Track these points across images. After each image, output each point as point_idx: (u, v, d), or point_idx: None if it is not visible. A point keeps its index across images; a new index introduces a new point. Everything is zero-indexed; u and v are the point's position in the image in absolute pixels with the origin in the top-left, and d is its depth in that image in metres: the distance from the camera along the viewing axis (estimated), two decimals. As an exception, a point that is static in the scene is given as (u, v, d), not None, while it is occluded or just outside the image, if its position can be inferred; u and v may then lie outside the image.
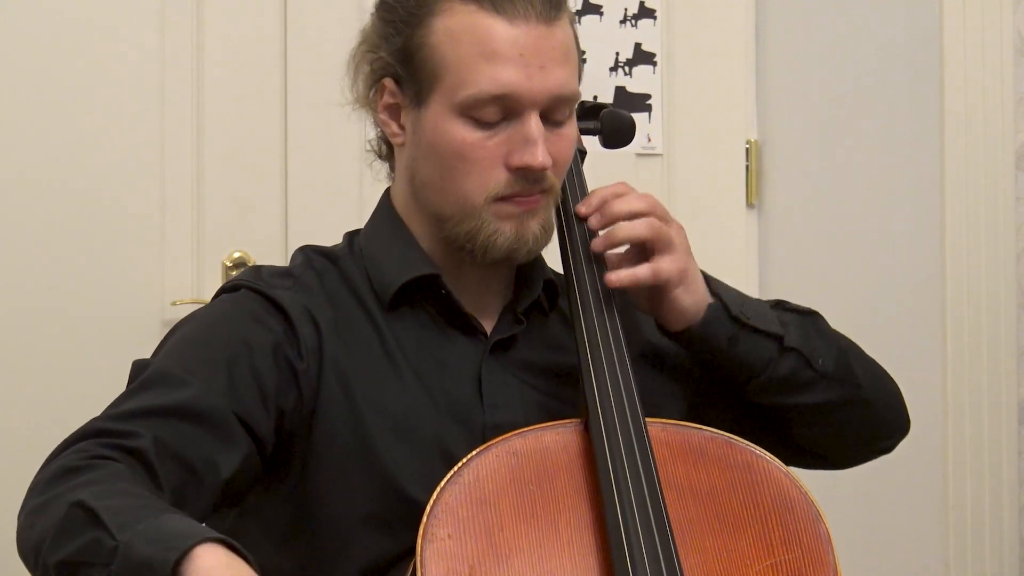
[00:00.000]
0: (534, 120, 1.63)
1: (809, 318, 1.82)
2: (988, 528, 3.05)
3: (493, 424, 1.65)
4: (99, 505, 1.36)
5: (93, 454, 1.46)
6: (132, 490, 1.41)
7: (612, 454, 1.55)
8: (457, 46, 1.62)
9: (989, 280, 3.05)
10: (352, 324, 1.69)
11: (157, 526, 1.33)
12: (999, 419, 3.06)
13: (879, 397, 1.84)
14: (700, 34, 3.23)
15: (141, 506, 1.37)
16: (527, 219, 1.66)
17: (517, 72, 1.61)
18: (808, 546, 1.58)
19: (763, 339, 1.74)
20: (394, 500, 1.62)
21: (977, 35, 3.03)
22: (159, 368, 1.59)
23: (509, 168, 1.64)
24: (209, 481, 1.53)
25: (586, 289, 1.70)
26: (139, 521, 1.33)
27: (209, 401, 1.56)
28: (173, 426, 1.52)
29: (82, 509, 1.36)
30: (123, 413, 1.53)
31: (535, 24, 1.62)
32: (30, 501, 1.44)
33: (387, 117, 1.71)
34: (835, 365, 1.78)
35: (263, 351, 1.62)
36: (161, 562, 1.28)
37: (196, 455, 1.52)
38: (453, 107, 1.63)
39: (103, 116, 2.96)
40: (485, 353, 1.71)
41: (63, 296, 2.93)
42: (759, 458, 1.63)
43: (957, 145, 3.04)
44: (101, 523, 1.34)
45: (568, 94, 1.65)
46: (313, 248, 1.78)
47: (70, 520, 1.36)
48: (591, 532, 1.52)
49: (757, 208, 3.26)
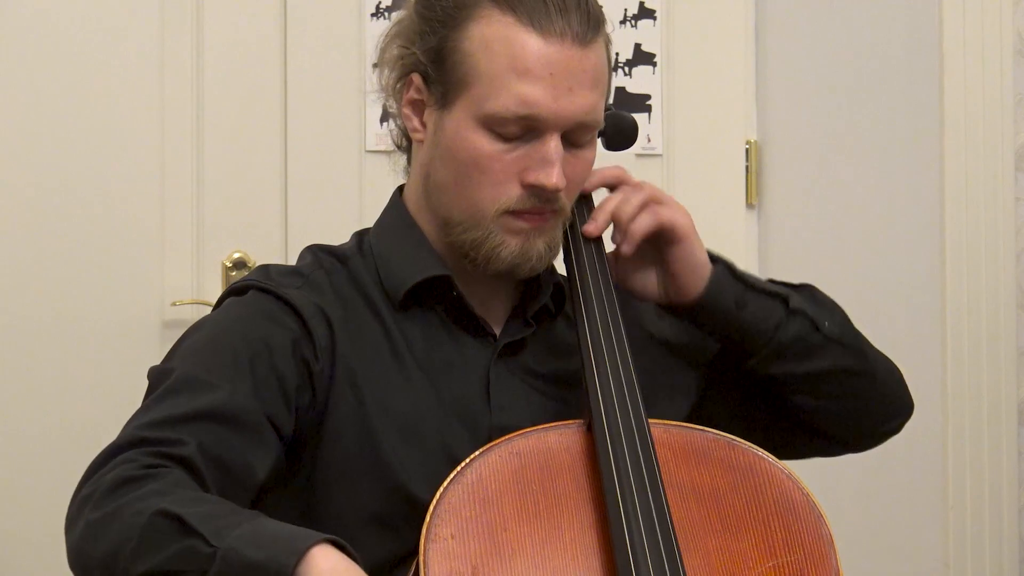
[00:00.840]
0: (554, 141, 1.63)
1: (805, 290, 1.83)
2: (988, 528, 3.05)
3: (499, 426, 1.65)
4: (185, 512, 1.36)
5: (145, 464, 1.46)
6: (207, 496, 1.43)
7: (615, 455, 1.55)
8: (490, 56, 1.61)
9: (989, 280, 3.05)
10: (361, 324, 1.69)
11: (257, 530, 1.34)
12: (999, 419, 3.06)
13: (884, 372, 1.84)
14: (700, 34, 3.23)
15: (228, 511, 1.39)
16: (534, 236, 1.66)
17: (545, 92, 1.60)
18: (810, 548, 1.57)
19: (769, 300, 1.75)
20: (399, 500, 1.62)
21: (977, 35, 3.03)
22: (183, 373, 1.58)
23: (523, 184, 1.64)
24: (247, 484, 1.54)
25: (589, 289, 1.70)
26: (234, 526, 1.35)
27: (240, 403, 1.56)
28: (211, 430, 1.52)
29: (167, 517, 1.37)
30: (159, 420, 1.52)
31: (570, 45, 1.61)
32: (87, 514, 1.43)
33: (411, 112, 1.70)
34: (841, 330, 1.79)
35: (282, 350, 1.62)
36: (279, 565, 1.30)
37: (234, 459, 1.53)
38: (477, 117, 1.62)
39: (103, 116, 2.96)
40: (494, 356, 1.71)
41: (63, 296, 2.93)
42: (761, 459, 1.63)
43: (957, 145, 3.04)
44: (192, 530, 1.35)
45: (592, 121, 1.65)
46: (321, 247, 1.78)
47: (154, 529, 1.37)
48: (594, 533, 1.52)
49: (757, 208, 3.26)
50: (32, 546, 2.87)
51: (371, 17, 3.07)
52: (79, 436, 2.91)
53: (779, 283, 1.82)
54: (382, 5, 3.08)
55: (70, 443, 2.91)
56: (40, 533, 2.87)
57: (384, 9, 3.08)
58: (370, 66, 3.04)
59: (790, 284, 1.82)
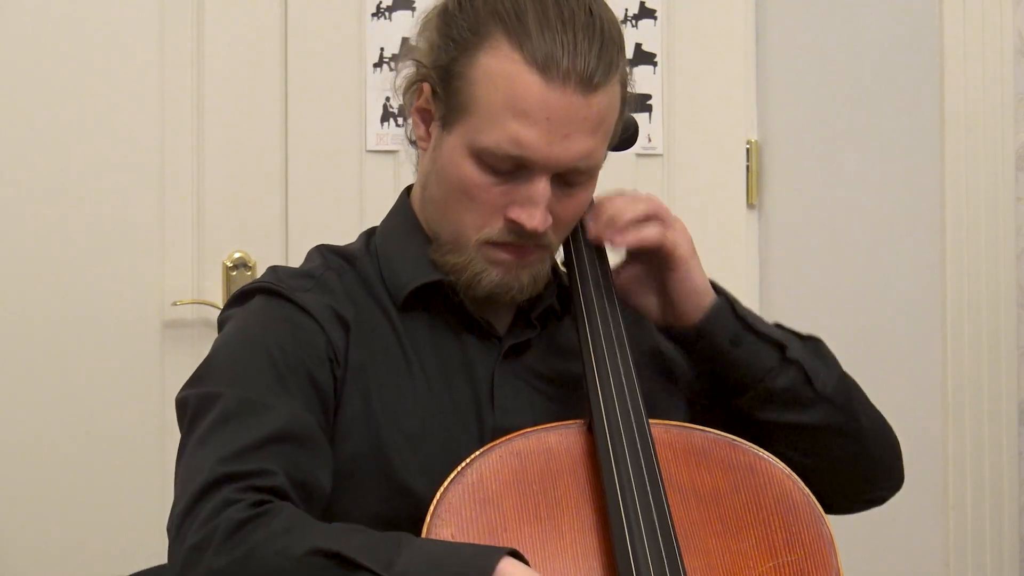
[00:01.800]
0: (543, 183, 1.62)
1: (811, 341, 1.80)
2: (988, 528, 3.05)
3: (502, 428, 1.65)
4: (341, 547, 1.37)
5: (250, 502, 1.45)
6: (342, 526, 1.44)
7: (616, 455, 1.55)
8: (491, 90, 1.60)
9: (989, 280, 3.05)
10: (372, 324, 1.69)
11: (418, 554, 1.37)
12: (999, 419, 3.06)
13: (875, 438, 1.80)
14: (700, 34, 3.23)
15: (377, 538, 1.40)
16: (516, 269, 1.66)
17: (539, 136, 1.59)
18: (810, 548, 1.57)
19: (765, 346, 1.73)
20: (403, 501, 1.62)
21: (977, 35, 3.03)
22: (236, 396, 1.57)
23: (506, 219, 1.63)
24: (321, 499, 1.56)
25: (590, 289, 1.70)
26: (394, 553, 1.36)
27: (298, 422, 1.56)
28: (285, 453, 1.52)
29: (323, 555, 1.37)
30: (236, 452, 1.51)
31: (571, 92, 1.59)
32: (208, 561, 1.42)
33: (419, 120, 1.71)
34: (835, 390, 1.76)
35: (315, 358, 1.62)
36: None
37: (308, 477, 1.54)
38: (470, 147, 1.62)
39: (103, 116, 2.96)
40: (499, 357, 1.71)
41: (63, 296, 2.93)
42: (762, 460, 1.63)
43: (957, 145, 3.04)
44: (357, 564, 1.36)
45: (585, 166, 1.64)
46: (329, 248, 1.78)
47: (314, 568, 1.37)
48: (594, 533, 1.52)
49: (757, 208, 3.26)
50: (32, 546, 2.88)
51: (371, 17, 3.07)
52: (80, 436, 2.92)
53: (785, 329, 1.80)
54: (382, 5, 3.08)
55: (71, 443, 2.91)
56: (40, 533, 2.88)
57: (384, 9, 3.07)
58: (370, 66, 3.07)
59: (796, 332, 1.80)
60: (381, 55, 3.08)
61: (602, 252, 1.74)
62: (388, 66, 3.07)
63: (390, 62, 3.07)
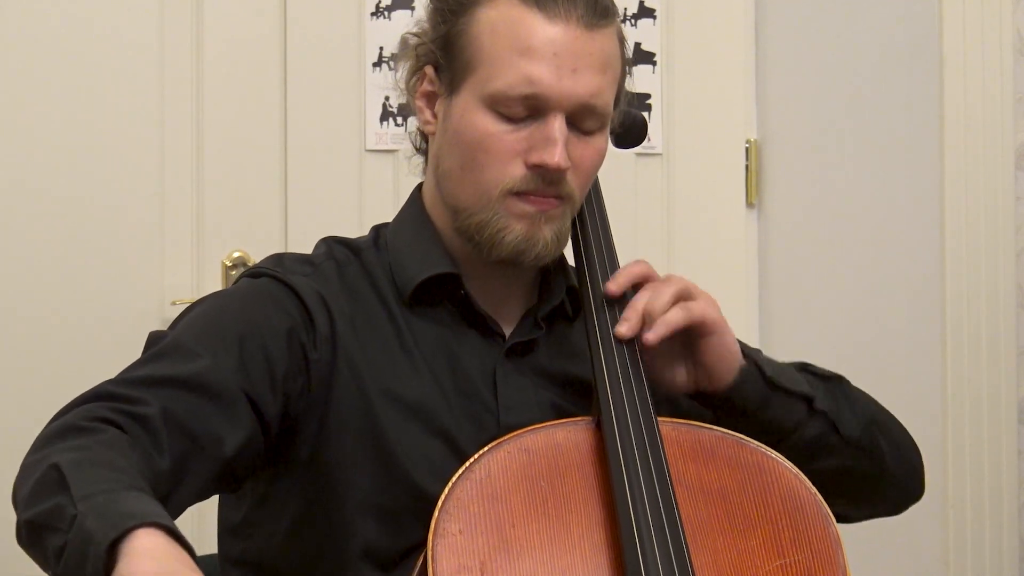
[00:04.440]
0: (558, 121, 1.62)
1: (836, 384, 1.80)
2: (988, 527, 3.05)
3: (506, 426, 1.64)
4: (71, 472, 1.35)
5: (97, 416, 1.46)
6: (115, 461, 1.40)
7: (624, 452, 1.55)
8: (495, 38, 1.63)
9: (989, 279, 3.05)
10: (370, 317, 1.69)
11: (112, 501, 1.32)
12: (999, 419, 3.06)
13: (899, 471, 1.81)
14: (700, 34, 3.23)
15: (110, 479, 1.36)
16: (540, 223, 1.66)
17: (548, 71, 1.61)
18: (818, 547, 1.57)
19: (794, 401, 1.72)
20: (402, 491, 1.62)
21: (977, 35, 3.03)
22: (173, 340, 1.59)
23: (527, 164, 1.63)
24: (212, 455, 1.53)
25: (599, 286, 1.70)
26: (101, 494, 1.33)
27: (219, 376, 1.56)
28: (182, 397, 1.52)
29: (57, 472, 1.36)
30: (134, 379, 1.53)
31: (575, 26, 1.62)
32: (29, 455, 1.45)
33: (424, 104, 1.72)
34: (861, 433, 1.76)
35: (276, 333, 1.62)
36: (101, 537, 1.27)
37: (202, 428, 1.52)
38: (482, 98, 1.63)
39: (103, 116, 2.96)
40: (501, 355, 1.71)
41: (63, 296, 2.93)
42: (769, 458, 1.63)
43: (957, 145, 3.04)
44: (68, 490, 1.34)
45: (598, 104, 1.65)
46: (337, 239, 1.78)
47: (44, 481, 1.37)
48: (602, 530, 1.52)
49: (757, 208, 3.26)
50: (32, 546, 2.87)
51: (371, 17, 3.07)
52: (79, 436, 2.91)
53: (809, 371, 1.79)
54: (382, 5, 3.08)
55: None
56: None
57: (384, 9, 3.07)
58: (370, 65, 3.07)
59: (820, 373, 1.80)
60: (380, 54, 3.08)
61: (611, 247, 1.74)
62: (387, 65, 3.07)
63: (390, 61, 3.07)
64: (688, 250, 3.18)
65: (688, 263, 3.12)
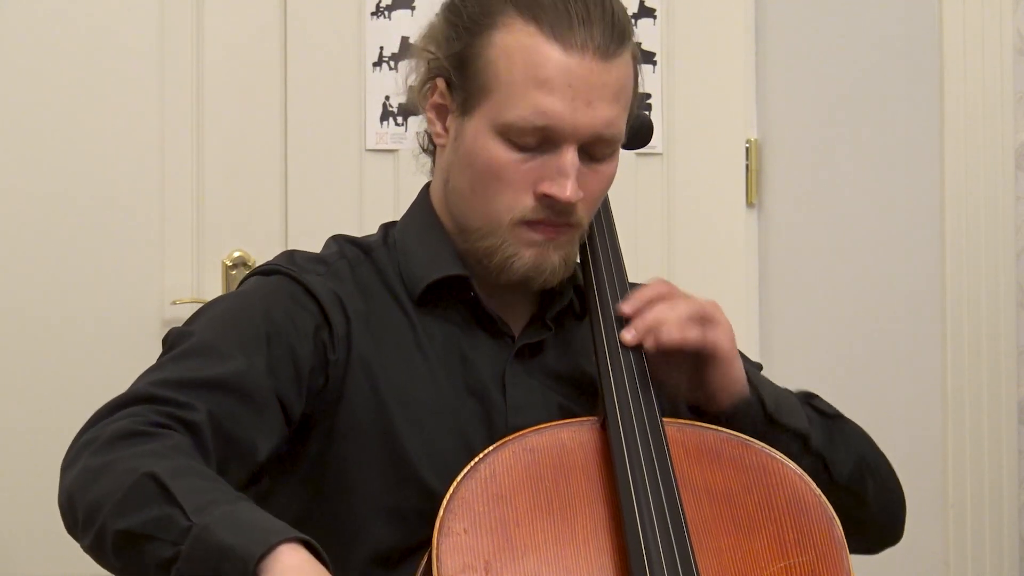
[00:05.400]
0: (571, 153, 1.61)
1: (834, 422, 1.79)
2: (988, 527, 3.05)
3: (513, 427, 1.64)
4: (173, 481, 1.36)
5: (152, 421, 1.46)
6: (203, 470, 1.42)
7: (629, 453, 1.55)
8: (510, 66, 1.61)
9: (989, 279, 3.05)
10: (384, 316, 1.69)
11: (236, 514, 1.33)
12: (999, 419, 3.06)
13: (880, 514, 1.81)
14: (700, 33, 3.23)
15: (214, 489, 1.38)
16: (549, 249, 1.66)
17: (563, 104, 1.59)
18: (822, 549, 1.57)
19: (790, 437, 1.71)
20: (413, 491, 1.62)
21: (977, 35, 3.03)
22: (202, 339, 1.59)
23: (537, 195, 1.63)
24: (248, 460, 1.55)
25: (604, 287, 1.70)
26: (215, 505, 1.34)
27: (254, 379, 1.56)
28: (223, 401, 1.52)
29: (155, 482, 1.36)
30: (172, 381, 1.52)
31: (591, 58, 1.60)
32: (85, 459, 1.44)
33: (434, 116, 1.70)
34: (849, 476, 1.75)
35: (302, 331, 1.62)
36: (244, 553, 1.29)
37: (241, 434, 1.53)
38: (494, 126, 1.62)
39: (103, 116, 2.96)
40: (511, 357, 1.71)
41: (63, 296, 2.93)
42: (774, 460, 1.63)
43: (957, 144, 3.04)
44: (175, 500, 1.35)
45: (610, 135, 1.64)
46: (347, 238, 1.78)
47: (140, 490, 1.36)
48: (607, 530, 1.52)
49: (757, 207, 3.26)
50: (33, 546, 2.87)
51: (371, 16, 3.07)
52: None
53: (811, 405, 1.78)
54: (382, 5, 3.07)
55: (70, 443, 2.90)
56: (40, 532, 2.87)
57: (384, 9, 3.07)
58: (370, 65, 3.06)
59: (822, 409, 1.78)
60: (381, 54, 3.07)
61: (617, 251, 1.74)
62: (388, 65, 3.06)
63: (390, 61, 3.07)
64: (688, 250, 3.18)
65: (688, 263, 3.12)
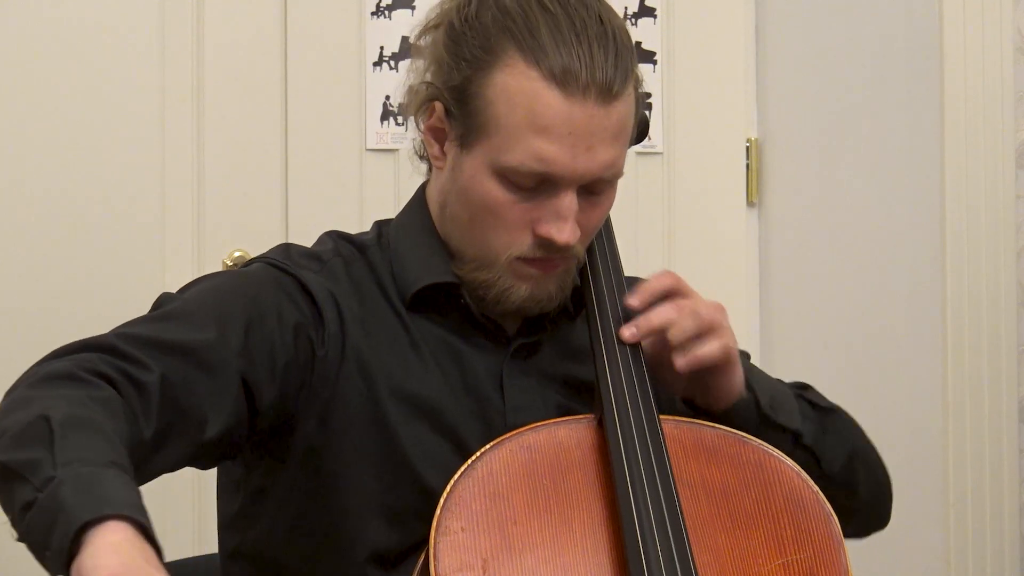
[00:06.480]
0: (569, 198, 1.60)
1: (826, 415, 1.79)
2: (988, 527, 3.05)
3: (514, 427, 1.64)
4: (62, 429, 1.32)
5: (97, 370, 1.44)
6: (104, 427, 1.37)
7: (626, 450, 1.55)
8: (511, 109, 1.58)
9: (989, 278, 3.05)
10: (378, 315, 1.69)
11: (94, 477, 1.29)
12: (999, 418, 3.06)
13: (870, 503, 1.83)
14: (700, 33, 3.23)
15: (95, 448, 1.33)
16: (545, 281, 1.66)
17: (563, 151, 1.57)
18: (819, 545, 1.57)
19: (782, 434, 1.72)
20: (409, 490, 1.62)
21: (977, 35, 3.03)
22: (184, 306, 1.58)
23: (535, 234, 1.62)
24: (193, 433, 1.51)
25: (601, 284, 1.69)
26: (83, 463, 1.29)
27: (221, 354, 1.54)
28: (181, 367, 1.50)
29: (47, 425, 1.33)
30: (137, 337, 1.51)
31: (592, 104, 1.57)
32: (18, 389, 1.43)
33: (432, 139, 1.68)
34: (840, 469, 1.76)
35: (284, 324, 1.61)
36: (74, 516, 1.25)
37: (192, 405, 1.51)
38: (493, 166, 1.60)
39: (103, 116, 2.96)
40: (507, 357, 1.71)
41: (63, 295, 2.93)
42: (771, 457, 1.62)
43: (957, 143, 3.04)
44: (51, 447, 1.31)
45: (610, 176, 1.63)
46: (341, 234, 1.77)
47: (32, 430, 1.33)
48: (604, 528, 1.51)
49: (757, 206, 3.27)
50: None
51: (371, 16, 3.08)
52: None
53: (807, 400, 1.79)
54: (382, 4, 3.08)
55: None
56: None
57: (384, 8, 3.08)
58: (370, 64, 3.07)
59: (816, 403, 1.79)
60: (381, 54, 3.08)
61: (614, 248, 1.74)
62: (388, 65, 3.07)
63: (390, 61, 3.07)
64: (688, 249, 3.18)
65: (688, 262, 3.12)
